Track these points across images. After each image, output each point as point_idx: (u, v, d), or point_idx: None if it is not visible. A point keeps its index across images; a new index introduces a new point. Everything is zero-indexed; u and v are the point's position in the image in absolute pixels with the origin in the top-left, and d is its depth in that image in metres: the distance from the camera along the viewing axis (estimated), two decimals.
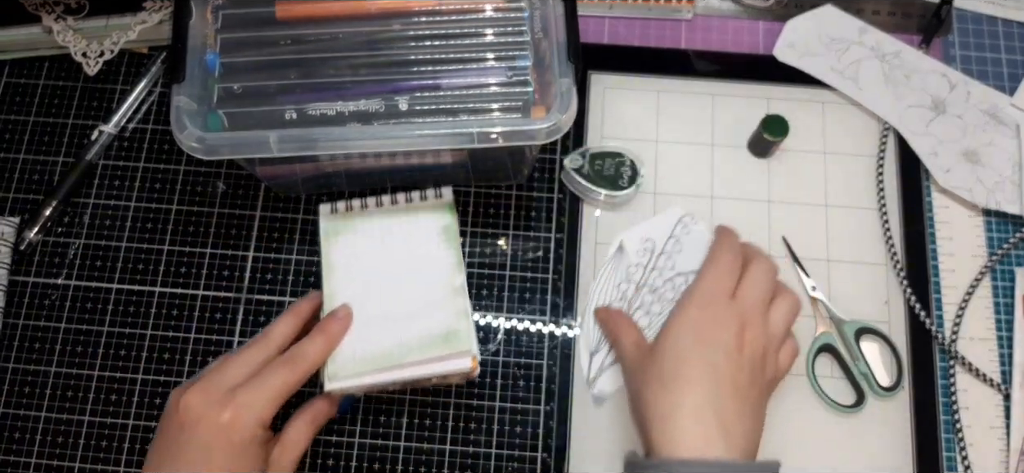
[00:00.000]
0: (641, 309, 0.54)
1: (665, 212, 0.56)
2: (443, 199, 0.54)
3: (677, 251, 0.54)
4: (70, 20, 0.62)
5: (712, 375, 0.44)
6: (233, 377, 0.45)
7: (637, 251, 0.55)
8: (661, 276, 0.52)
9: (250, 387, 0.45)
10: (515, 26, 0.51)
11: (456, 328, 0.49)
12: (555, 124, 0.45)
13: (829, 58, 0.61)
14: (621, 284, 0.55)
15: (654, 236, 0.55)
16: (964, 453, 0.52)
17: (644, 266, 0.54)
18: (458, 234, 0.53)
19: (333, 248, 0.52)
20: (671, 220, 0.56)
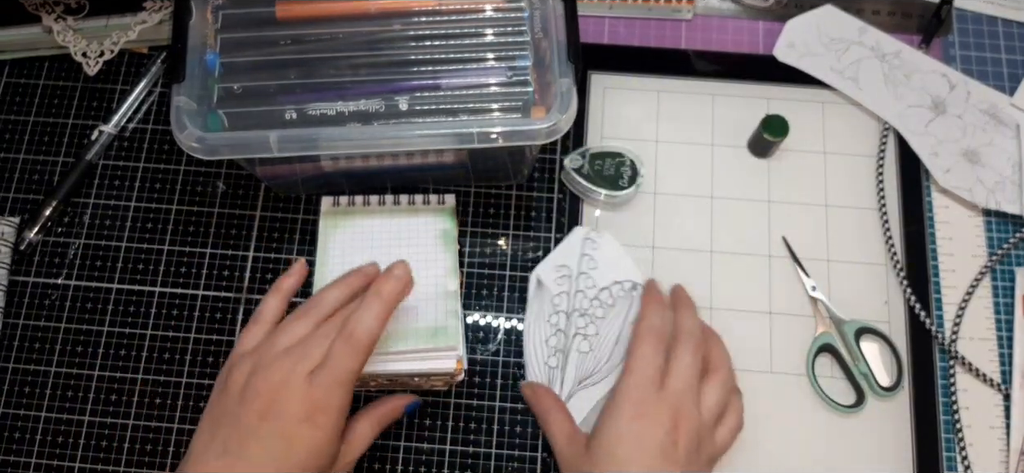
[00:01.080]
0: (579, 335, 0.54)
1: (568, 237, 0.55)
2: (446, 205, 0.55)
3: (593, 268, 0.53)
4: (70, 20, 0.62)
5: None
6: (308, 357, 0.43)
7: (555, 281, 0.54)
8: (586, 297, 0.52)
9: (325, 378, 0.43)
10: (515, 26, 0.51)
11: (445, 326, 0.50)
12: (555, 124, 0.45)
13: (829, 58, 0.61)
14: (551, 317, 0.54)
15: (566, 261, 0.54)
16: (964, 453, 0.52)
17: (567, 293, 0.53)
18: (456, 241, 0.53)
19: (330, 238, 0.53)
20: (576, 241, 0.55)
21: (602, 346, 0.53)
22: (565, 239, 0.54)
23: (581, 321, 0.51)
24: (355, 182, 0.58)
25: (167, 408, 0.54)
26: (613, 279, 0.52)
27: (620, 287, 0.52)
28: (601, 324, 0.51)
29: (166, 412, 0.54)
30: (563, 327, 0.54)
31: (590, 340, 0.53)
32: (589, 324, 0.51)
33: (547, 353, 0.53)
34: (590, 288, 0.52)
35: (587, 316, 0.51)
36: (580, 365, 0.53)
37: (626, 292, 0.52)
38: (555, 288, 0.53)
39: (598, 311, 0.51)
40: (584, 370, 0.53)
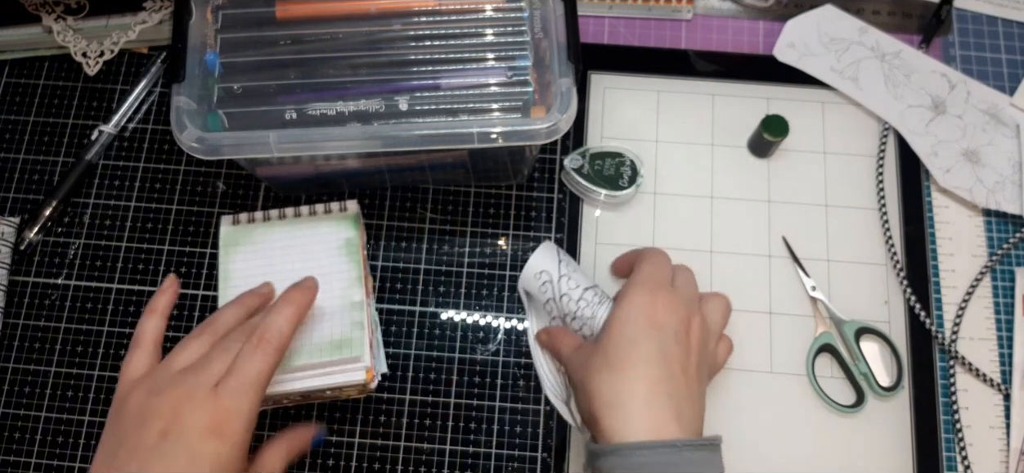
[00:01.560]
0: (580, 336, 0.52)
1: (539, 249, 0.52)
2: (348, 212, 0.54)
3: (573, 270, 0.51)
4: (70, 20, 0.62)
5: (662, 359, 0.44)
6: (210, 370, 0.42)
7: (539, 290, 0.52)
8: (572, 299, 0.50)
9: (232, 383, 0.41)
10: (515, 26, 0.51)
11: (349, 337, 0.49)
12: (555, 124, 0.45)
13: (829, 58, 0.61)
14: (551, 322, 0.53)
15: (544, 267, 0.51)
16: (964, 453, 0.52)
17: (554, 299, 0.51)
18: (361, 247, 0.53)
19: (230, 258, 0.52)
20: (549, 250, 0.52)
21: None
22: (537, 250, 0.52)
23: (575, 324, 0.50)
24: (355, 182, 0.58)
25: None
26: (593, 282, 0.51)
27: (601, 291, 0.50)
28: (594, 324, 0.49)
29: None
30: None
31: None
32: (583, 327, 0.49)
33: (553, 359, 0.53)
34: (575, 288, 0.50)
35: (579, 318, 0.49)
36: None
37: (608, 297, 0.50)
38: (542, 297, 0.52)
39: (587, 311, 0.49)
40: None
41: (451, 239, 0.57)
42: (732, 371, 0.54)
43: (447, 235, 0.57)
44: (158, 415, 0.40)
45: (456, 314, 0.56)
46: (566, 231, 0.57)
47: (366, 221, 0.57)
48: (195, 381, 0.41)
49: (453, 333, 0.55)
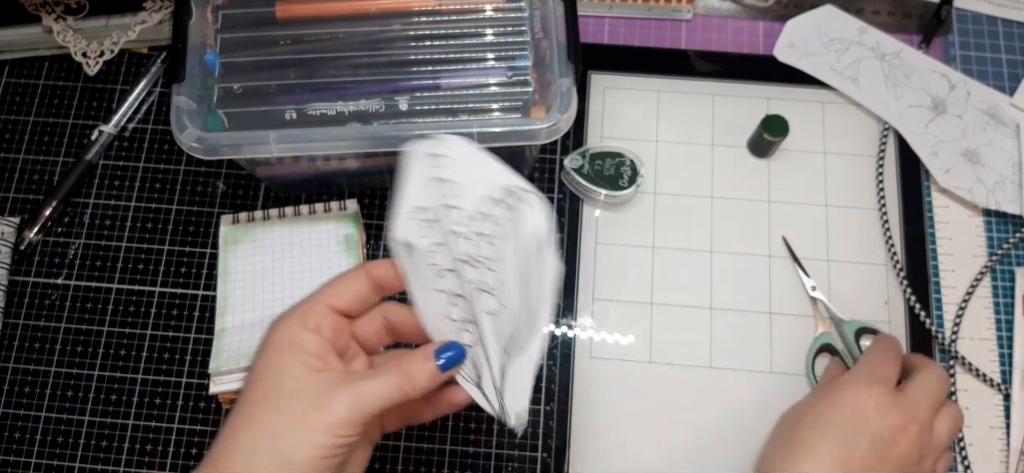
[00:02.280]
0: (479, 291, 0.42)
1: (407, 171, 0.42)
2: (347, 211, 0.54)
3: (454, 195, 0.41)
4: (70, 20, 0.62)
5: (844, 460, 0.41)
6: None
7: (419, 234, 0.41)
8: (462, 236, 0.41)
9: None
10: (515, 26, 0.51)
11: None
12: (555, 124, 0.45)
13: (829, 58, 0.61)
14: (439, 284, 0.42)
15: (419, 202, 0.41)
16: (964, 453, 0.52)
17: (440, 243, 0.41)
18: (361, 245, 0.53)
19: (230, 255, 0.53)
20: (418, 172, 0.42)
21: (506, 291, 0.41)
22: (405, 175, 0.42)
23: (473, 273, 0.41)
24: (355, 182, 0.58)
25: (167, 408, 0.54)
26: (483, 193, 0.41)
27: (492, 200, 0.41)
28: (496, 265, 0.41)
29: (166, 412, 0.54)
30: (459, 290, 0.42)
31: (494, 291, 0.42)
32: (484, 271, 0.41)
33: (457, 330, 0.42)
34: (462, 221, 0.41)
35: (477, 261, 0.41)
36: (497, 329, 0.42)
37: (502, 201, 0.41)
38: (423, 243, 0.41)
39: (484, 247, 0.41)
40: (503, 334, 0.42)
41: None
42: (732, 371, 0.54)
43: None
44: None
45: None
46: (566, 231, 0.57)
47: (366, 221, 0.57)
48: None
49: None
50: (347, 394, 0.37)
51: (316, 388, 0.37)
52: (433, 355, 0.40)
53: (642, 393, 0.54)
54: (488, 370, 0.42)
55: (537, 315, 0.41)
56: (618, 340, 0.55)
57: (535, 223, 0.41)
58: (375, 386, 0.38)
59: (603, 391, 0.54)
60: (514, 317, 0.42)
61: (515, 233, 0.41)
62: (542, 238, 0.41)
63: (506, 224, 0.41)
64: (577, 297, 0.56)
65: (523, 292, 0.41)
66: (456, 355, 0.41)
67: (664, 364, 0.54)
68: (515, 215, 0.41)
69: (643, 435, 0.53)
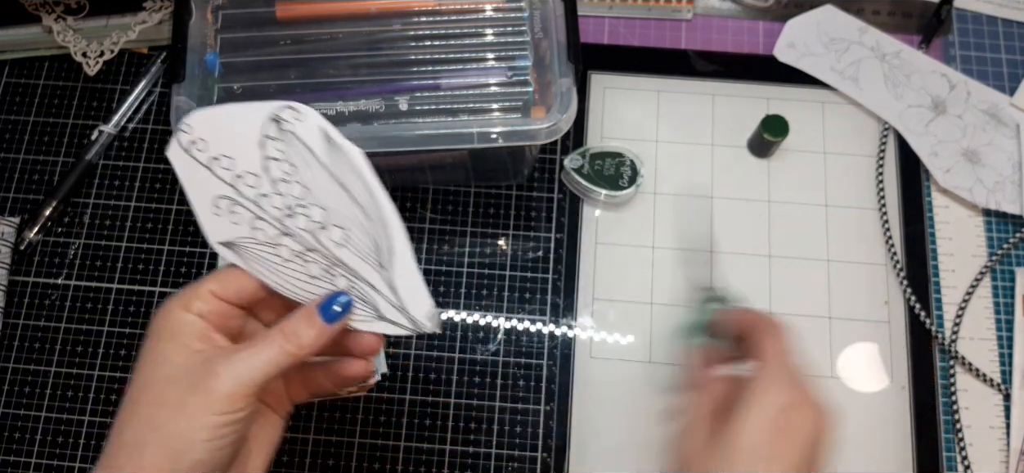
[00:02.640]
0: (312, 233, 0.38)
1: (178, 175, 0.38)
2: None
3: (233, 167, 0.38)
4: (70, 20, 0.62)
5: None
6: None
7: (233, 227, 0.38)
8: (267, 194, 0.38)
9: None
10: (515, 26, 0.51)
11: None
12: (555, 124, 0.45)
13: (829, 58, 0.61)
14: (284, 260, 0.38)
15: (211, 194, 0.38)
16: (964, 453, 0.52)
17: (259, 217, 0.38)
18: None
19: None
20: (183, 167, 0.38)
21: (339, 212, 0.38)
22: (181, 180, 0.38)
23: (301, 221, 0.38)
24: None
25: None
26: (252, 143, 0.37)
27: (264, 143, 0.37)
28: (311, 197, 0.38)
29: None
30: (302, 246, 0.38)
31: (328, 222, 0.38)
32: (307, 210, 0.38)
33: (329, 282, 0.39)
34: (258, 183, 0.38)
35: (295, 209, 0.38)
36: (359, 251, 0.39)
37: (271, 138, 0.37)
38: (241, 231, 0.38)
39: (290, 190, 0.38)
40: (367, 251, 0.39)
41: (451, 239, 0.57)
42: None
43: (447, 235, 0.57)
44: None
45: (456, 314, 0.56)
46: (566, 231, 0.57)
47: None
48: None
49: (453, 333, 0.55)
50: (225, 369, 0.35)
51: (193, 369, 0.35)
52: (317, 310, 0.38)
53: (642, 393, 0.54)
54: (379, 295, 0.39)
55: (378, 208, 0.38)
56: (618, 340, 0.55)
57: (309, 130, 0.37)
58: (256, 355, 0.36)
59: (603, 391, 0.54)
60: (364, 227, 0.39)
61: (302, 155, 0.38)
62: (326, 137, 0.37)
63: (292, 153, 0.38)
64: (577, 297, 0.56)
65: (351, 199, 0.38)
66: (340, 303, 0.38)
67: (664, 364, 0.54)
68: (290, 139, 0.38)
69: (643, 435, 0.53)
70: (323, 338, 0.37)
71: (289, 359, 0.36)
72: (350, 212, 0.38)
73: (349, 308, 0.38)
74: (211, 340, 0.37)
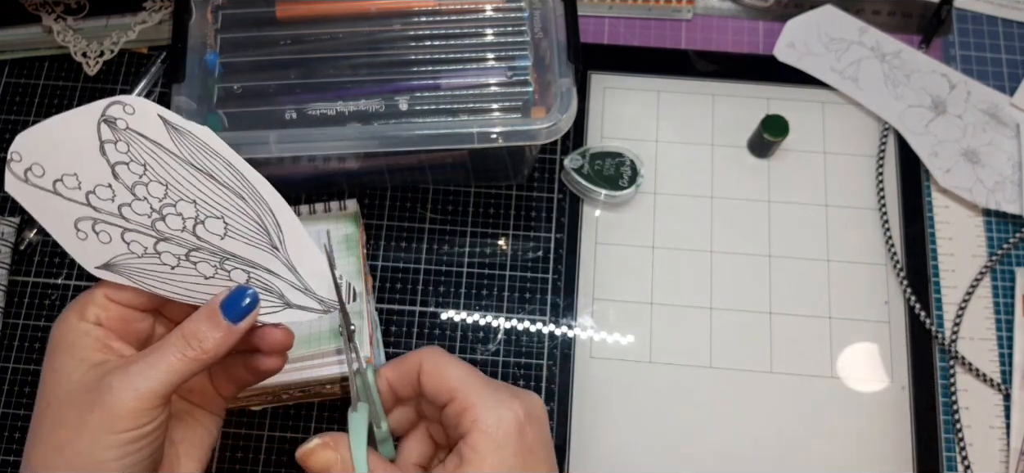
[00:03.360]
0: (190, 231, 0.36)
1: (29, 208, 0.35)
2: (348, 210, 0.54)
3: (75, 182, 0.35)
4: (70, 20, 0.62)
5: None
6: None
7: (103, 246, 0.35)
8: (125, 202, 0.35)
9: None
10: (515, 26, 0.51)
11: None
12: (555, 124, 0.45)
13: (829, 58, 0.61)
14: (169, 267, 0.36)
15: (70, 216, 0.35)
16: (964, 453, 0.52)
17: (126, 229, 0.35)
18: (361, 244, 0.53)
19: None
20: (27, 196, 0.35)
21: (211, 201, 0.36)
22: (33, 213, 0.35)
23: (173, 221, 0.35)
24: (355, 182, 0.58)
25: None
26: (86, 152, 0.34)
27: (99, 147, 0.34)
28: (175, 192, 0.35)
29: None
30: (184, 246, 0.36)
31: (204, 214, 0.36)
32: (178, 208, 0.35)
33: (225, 278, 0.37)
34: (110, 192, 0.35)
35: (161, 211, 0.35)
36: (246, 238, 0.36)
37: (106, 140, 0.34)
38: (116, 249, 0.36)
39: (149, 191, 0.35)
40: (254, 236, 0.36)
41: (451, 239, 0.57)
42: (732, 372, 0.54)
43: (447, 235, 0.57)
44: None
45: (456, 314, 0.56)
46: (566, 231, 0.57)
47: (366, 221, 0.57)
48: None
49: (453, 333, 0.55)
50: (122, 383, 0.33)
51: (90, 386, 0.33)
52: (218, 309, 0.35)
53: (642, 393, 0.54)
54: (280, 281, 0.37)
55: (250, 184, 0.36)
56: (618, 340, 0.55)
57: (146, 122, 0.34)
58: (155, 364, 0.33)
59: (603, 391, 0.54)
60: (242, 210, 0.36)
61: (148, 150, 0.35)
62: (167, 125, 0.35)
63: (137, 151, 0.34)
64: (577, 297, 0.56)
65: (218, 184, 0.36)
66: (248, 297, 0.35)
67: (664, 364, 0.54)
68: (131, 136, 0.34)
69: (643, 435, 0.53)
70: (232, 339, 0.35)
71: (193, 365, 0.34)
72: (222, 198, 0.35)
73: (257, 302, 0.36)
74: (111, 349, 0.35)
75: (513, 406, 0.36)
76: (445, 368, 0.37)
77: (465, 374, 0.37)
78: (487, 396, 0.36)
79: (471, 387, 0.36)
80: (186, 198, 0.35)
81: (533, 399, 0.37)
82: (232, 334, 0.35)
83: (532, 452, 0.36)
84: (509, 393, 0.37)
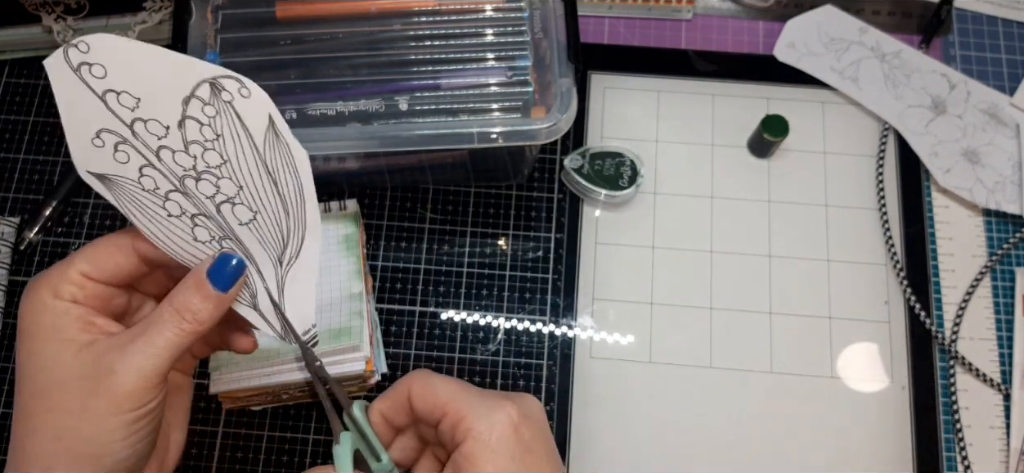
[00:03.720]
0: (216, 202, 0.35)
1: (56, 90, 0.32)
2: (348, 211, 0.54)
3: (134, 106, 0.33)
4: (70, 20, 0.62)
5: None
6: None
7: (115, 163, 0.34)
8: (174, 148, 0.34)
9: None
10: (515, 26, 0.51)
11: (348, 327, 0.49)
12: (555, 124, 0.45)
13: (829, 58, 0.61)
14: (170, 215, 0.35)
15: (95, 123, 0.33)
16: (964, 453, 0.52)
17: (151, 165, 0.34)
18: (361, 244, 0.53)
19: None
20: (66, 87, 0.32)
21: (256, 194, 0.36)
22: (58, 97, 0.33)
23: (207, 186, 0.35)
24: (355, 182, 0.58)
25: None
26: (176, 96, 0.33)
27: (192, 101, 0.34)
28: (229, 169, 0.35)
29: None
30: (196, 209, 0.35)
31: (239, 199, 0.35)
32: (219, 181, 0.35)
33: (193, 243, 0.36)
34: (166, 133, 0.34)
35: (205, 174, 0.34)
36: (261, 238, 0.36)
37: (205, 100, 0.34)
38: (125, 170, 0.34)
39: (206, 155, 0.34)
40: (270, 242, 0.37)
41: (451, 239, 0.57)
42: (732, 372, 0.54)
43: (447, 235, 0.57)
44: None
45: (456, 314, 0.56)
46: (566, 231, 0.57)
47: (366, 221, 0.57)
48: None
49: (453, 333, 0.55)
50: (124, 365, 0.32)
51: (86, 371, 0.32)
52: (206, 279, 0.34)
53: (642, 393, 0.54)
54: (262, 285, 0.37)
55: (303, 211, 0.36)
56: (618, 340, 0.55)
57: (253, 112, 0.34)
58: (153, 341, 0.33)
59: (603, 391, 0.54)
60: (277, 220, 0.36)
61: (239, 130, 0.34)
62: (273, 125, 0.35)
63: (223, 123, 0.34)
64: (577, 297, 0.56)
65: (277, 191, 0.36)
66: (228, 264, 0.35)
67: (664, 364, 0.54)
68: (226, 110, 0.34)
69: (643, 435, 0.53)
70: (222, 307, 0.35)
71: (190, 337, 0.34)
72: (268, 200, 0.36)
73: (244, 267, 0.35)
74: (96, 327, 0.34)
75: (505, 408, 0.36)
76: (434, 387, 0.37)
77: (455, 388, 0.37)
78: (478, 404, 0.36)
79: (461, 399, 0.36)
80: (234, 179, 0.35)
81: (527, 399, 0.37)
82: (223, 302, 0.35)
83: (531, 451, 0.36)
84: (501, 397, 0.37)
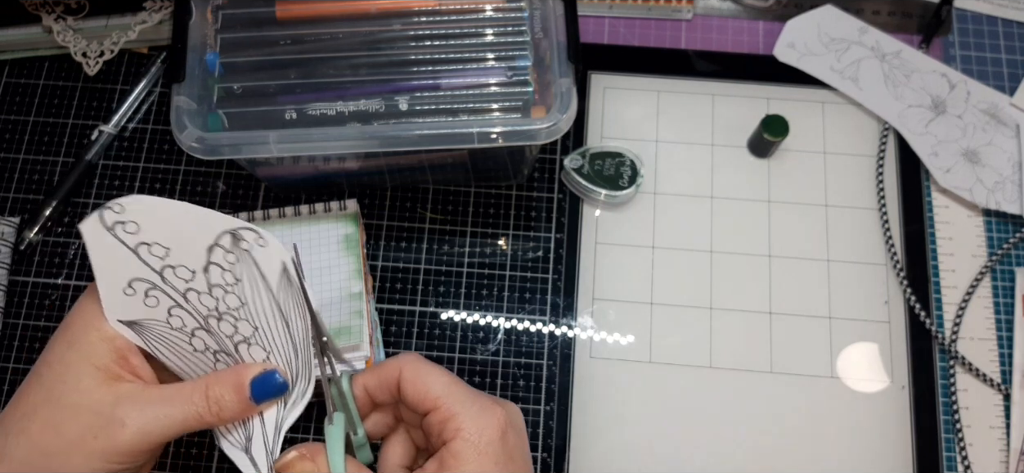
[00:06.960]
0: (233, 342, 0.38)
1: (89, 249, 0.35)
2: (348, 210, 0.54)
3: (164, 257, 0.36)
4: (70, 20, 0.62)
5: None
6: None
7: (146, 309, 0.36)
8: (199, 291, 0.36)
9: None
10: (515, 26, 0.51)
11: (348, 326, 0.50)
12: (555, 124, 0.45)
13: (829, 58, 0.61)
14: (194, 350, 0.37)
15: (127, 275, 0.36)
16: (964, 453, 0.52)
17: (180, 306, 0.36)
18: (361, 244, 0.53)
19: None
20: (101, 245, 0.35)
21: (269, 336, 0.38)
22: (92, 255, 0.35)
23: (227, 326, 0.37)
24: (355, 182, 0.58)
25: None
26: (202, 244, 0.36)
27: (215, 250, 0.36)
28: (246, 312, 0.37)
29: None
30: (217, 346, 0.38)
31: (254, 340, 0.38)
32: (237, 322, 0.37)
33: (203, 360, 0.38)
34: (193, 278, 0.36)
35: (224, 315, 0.37)
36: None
37: (227, 249, 0.36)
38: (156, 313, 0.36)
39: (226, 298, 0.36)
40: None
41: (451, 239, 0.57)
42: (732, 372, 0.54)
43: (447, 235, 0.57)
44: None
45: (456, 314, 0.56)
46: (566, 231, 0.57)
47: (366, 221, 0.57)
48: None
49: (453, 333, 0.55)
50: (135, 419, 0.32)
51: (102, 407, 0.33)
52: (248, 382, 0.35)
53: (642, 393, 0.54)
54: (260, 430, 0.37)
55: (309, 351, 0.38)
56: (618, 340, 0.55)
57: (269, 260, 0.36)
58: (170, 412, 0.33)
59: (603, 391, 0.54)
60: (287, 360, 0.38)
61: (256, 276, 0.37)
62: (288, 272, 0.37)
63: (242, 269, 0.36)
64: (577, 297, 0.56)
65: (288, 332, 0.38)
66: (276, 382, 0.35)
67: (664, 364, 0.54)
68: (248, 257, 0.36)
69: (643, 435, 0.53)
70: (246, 414, 0.35)
71: (204, 426, 0.34)
72: (280, 339, 0.38)
73: (285, 390, 0.36)
74: (129, 366, 0.34)
75: (495, 412, 0.37)
76: (427, 377, 0.37)
77: (448, 383, 0.37)
78: (470, 405, 0.37)
79: (454, 397, 0.37)
80: (250, 321, 0.37)
81: (514, 409, 0.39)
82: (250, 410, 0.36)
83: (512, 459, 0.37)
84: (491, 401, 0.38)
